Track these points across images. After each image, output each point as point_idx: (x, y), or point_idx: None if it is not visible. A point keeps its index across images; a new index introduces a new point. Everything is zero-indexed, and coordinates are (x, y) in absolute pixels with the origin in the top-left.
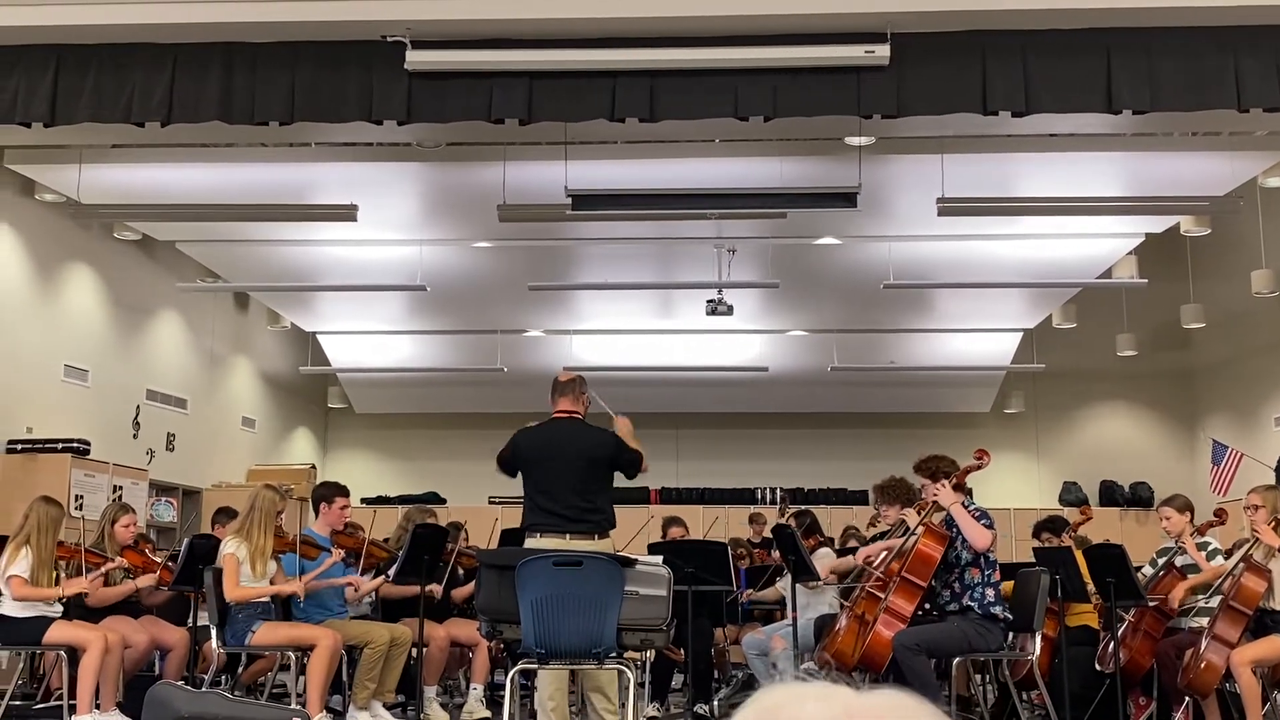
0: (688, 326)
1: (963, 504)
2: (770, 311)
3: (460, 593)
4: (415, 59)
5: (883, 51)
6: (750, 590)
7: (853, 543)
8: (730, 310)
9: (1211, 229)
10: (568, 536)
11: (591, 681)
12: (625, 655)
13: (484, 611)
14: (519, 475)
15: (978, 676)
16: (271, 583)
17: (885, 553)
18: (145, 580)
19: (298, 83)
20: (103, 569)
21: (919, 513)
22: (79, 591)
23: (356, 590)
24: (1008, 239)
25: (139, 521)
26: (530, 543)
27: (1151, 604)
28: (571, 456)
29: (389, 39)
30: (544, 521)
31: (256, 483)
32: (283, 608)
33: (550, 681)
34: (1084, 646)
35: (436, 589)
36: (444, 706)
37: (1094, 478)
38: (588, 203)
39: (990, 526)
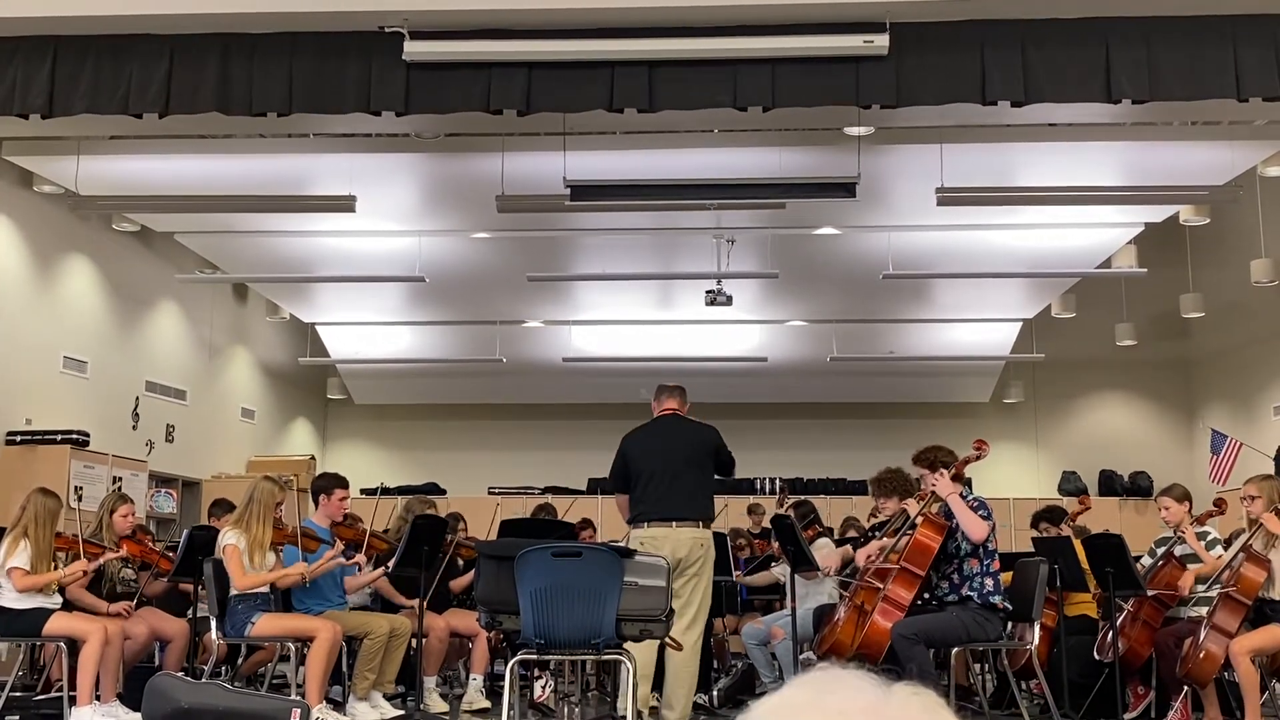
0: (687, 317)
1: (961, 495)
2: (769, 302)
3: (459, 583)
4: (413, 49)
5: (882, 41)
6: (739, 572)
7: (852, 532)
8: (729, 301)
9: (1211, 218)
10: (674, 524)
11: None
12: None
13: (483, 602)
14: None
15: (977, 666)
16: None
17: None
18: (122, 605)
19: (295, 73)
20: (100, 559)
21: (918, 503)
22: (79, 572)
23: (360, 569)
24: (1007, 229)
25: (138, 512)
26: (638, 534)
27: (1150, 594)
28: (680, 447)
29: (387, 29)
30: (652, 510)
31: (256, 474)
32: (283, 599)
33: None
34: (1083, 636)
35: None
36: (443, 697)
37: (1093, 467)
38: (586, 193)
39: (988, 518)
